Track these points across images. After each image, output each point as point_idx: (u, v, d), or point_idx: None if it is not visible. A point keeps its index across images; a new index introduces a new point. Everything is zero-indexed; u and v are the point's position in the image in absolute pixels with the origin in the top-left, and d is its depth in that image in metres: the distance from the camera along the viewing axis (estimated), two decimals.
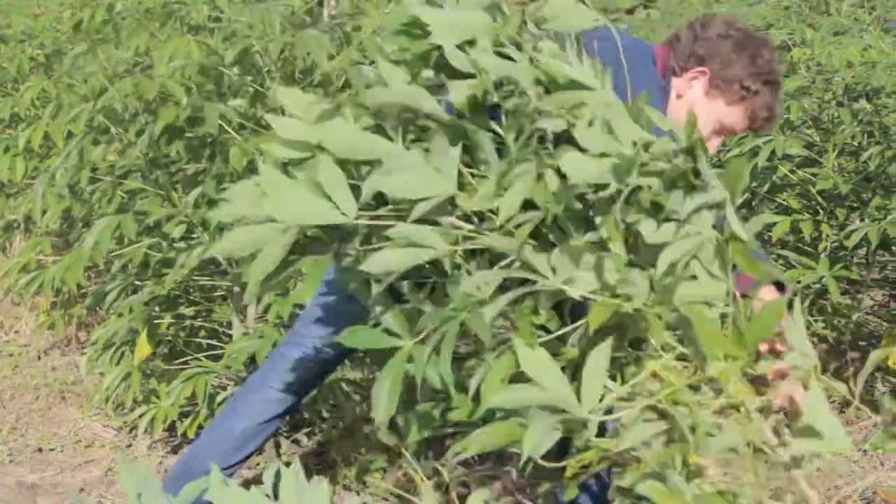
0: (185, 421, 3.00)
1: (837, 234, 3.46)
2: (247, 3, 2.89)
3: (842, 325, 3.69)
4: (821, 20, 4.01)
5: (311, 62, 2.64)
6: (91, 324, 4.09)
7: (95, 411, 3.47)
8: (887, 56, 3.41)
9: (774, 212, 3.62)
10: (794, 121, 3.51)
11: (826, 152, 3.51)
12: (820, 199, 3.53)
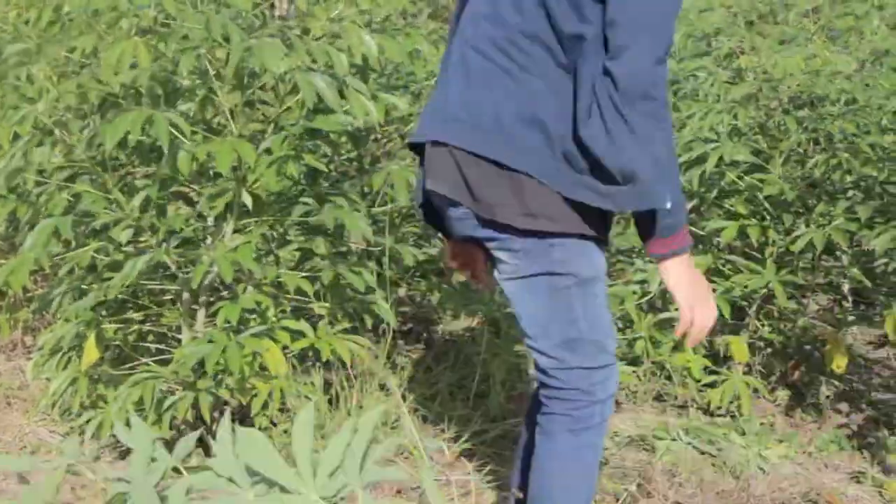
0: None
1: (784, 239, 3.51)
2: (197, 7, 2.87)
3: (788, 329, 3.75)
4: (769, 29, 4.06)
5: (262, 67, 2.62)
6: (37, 328, 4.04)
7: (41, 417, 3.42)
8: (831, 65, 3.46)
9: (723, 217, 3.66)
10: (742, 128, 3.56)
11: (773, 159, 3.56)
12: (767, 205, 3.58)
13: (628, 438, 3.38)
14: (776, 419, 3.62)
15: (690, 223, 3.75)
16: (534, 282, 2.05)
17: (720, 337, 3.72)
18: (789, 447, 3.34)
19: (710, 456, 3.27)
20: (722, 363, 3.72)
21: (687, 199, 3.80)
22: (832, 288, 3.96)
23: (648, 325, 3.58)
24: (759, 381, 3.60)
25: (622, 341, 3.79)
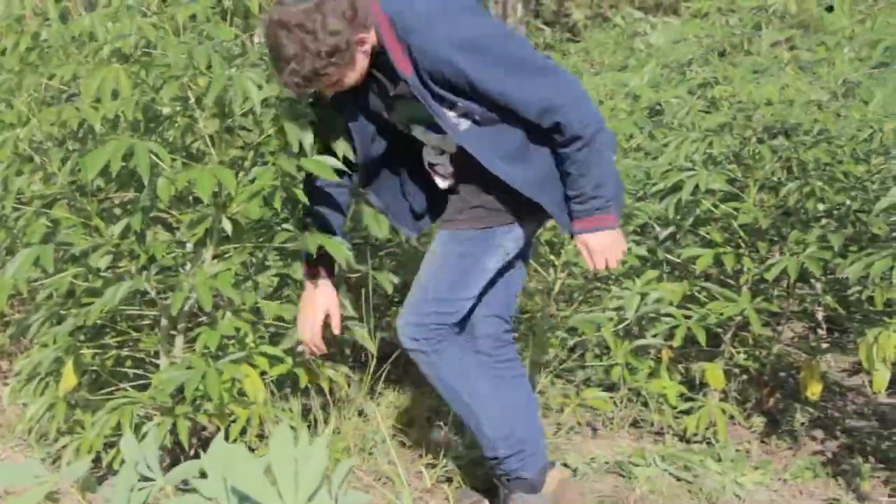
0: (111, 452, 2.96)
1: (758, 266, 3.55)
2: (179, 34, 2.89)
3: (762, 356, 3.78)
4: (741, 59, 4.12)
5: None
6: (14, 353, 4.01)
7: (17, 442, 3.40)
8: (804, 94, 3.52)
9: (698, 245, 3.70)
10: (717, 156, 3.61)
11: (747, 187, 3.60)
12: (742, 233, 3.62)
13: (605, 464, 3.39)
14: (752, 446, 3.64)
15: (667, 251, 3.79)
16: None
17: (696, 364, 3.75)
18: (764, 474, 3.37)
19: (687, 482, 3.29)
20: (698, 390, 3.75)
21: (663, 227, 3.84)
22: (806, 315, 4.01)
23: (625, 352, 3.61)
24: (734, 408, 3.63)
25: (599, 368, 3.82)
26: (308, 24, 2.36)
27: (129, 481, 1.61)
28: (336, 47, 2.38)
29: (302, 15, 2.36)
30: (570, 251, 3.67)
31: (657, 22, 6.64)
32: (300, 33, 2.36)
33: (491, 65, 2.42)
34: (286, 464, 1.46)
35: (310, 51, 2.37)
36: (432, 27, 2.42)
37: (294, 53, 2.38)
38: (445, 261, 2.67)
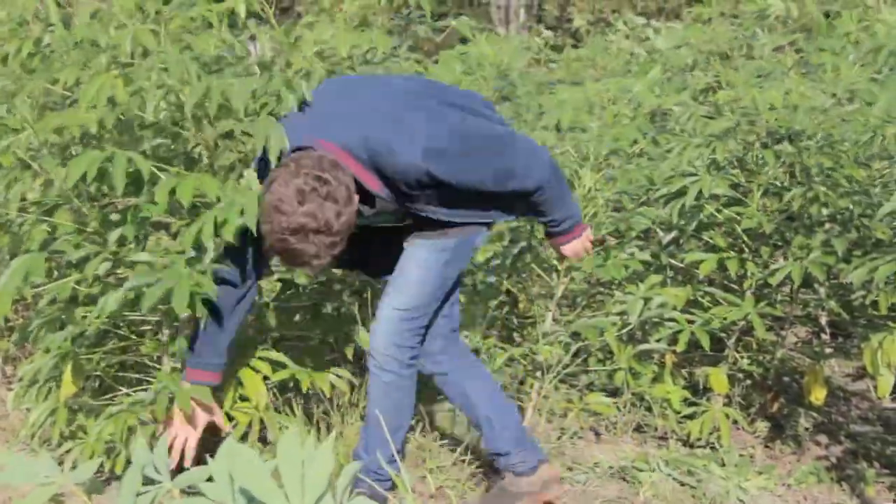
0: (112, 457, 2.96)
1: (762, 271, 3.54)
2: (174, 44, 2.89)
3: (766, 361, 3.78)
4: (744, 63, 4.12)
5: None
6: (19, 358, 4.01)
7: (21, 447, 3.40)
8: (808, 100, 3.51)
9: (701, 250, 3.70)
10: (721, 161, 3.60)
11: (751, 192, 3.60)
12: (745, 238, 3.61)
13: (609, 469, 3.39)
14: (756, 451, 3.64)
15: (670, 256, 3.79)
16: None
17: (700, 369, 3.75)
18: (769, 479, 3.36)
19: (690, 487, 3.28)
20: (701, 395, 3.74)
21: (666, 232, 3.84)
22: (810, 320, 4.00)
23: (628, 357, 3.60)
24: (738, 413, 3.63)
25: (602, 372, 3.81)
26: (321, 226, 2.40)
27: (135, 484, 1.61)
28: (346, 229, 2.46)
29: (309, 219, 2.39)
30: None
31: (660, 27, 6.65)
32: (313, 236, 2.41)
33: (455, 163, 2.56)
34: (293, 467, 1.46)
35: (326, 244, 2.44)
36: (394, 151, 2.51)
37: (314, 253, 2.44)
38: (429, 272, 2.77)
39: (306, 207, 2.38)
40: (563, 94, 4.15)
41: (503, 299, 4.20)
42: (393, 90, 2.68)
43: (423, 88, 2.73)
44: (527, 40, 7.75)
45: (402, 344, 2.77)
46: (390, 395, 2.83)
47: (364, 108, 2.59)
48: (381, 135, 2.51)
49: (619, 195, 3.73)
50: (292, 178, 2.40)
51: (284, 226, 2.39)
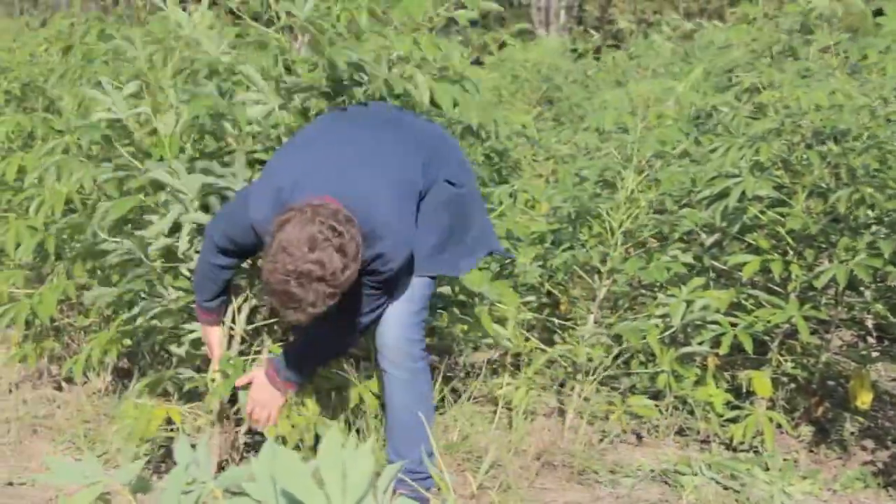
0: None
1: (807, 274, 3.51)
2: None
3: (811, 364, 3.74)
4: (788, 64, 4.08)
5: None
6: (63, 357, 4.07)
7: (67, 445, 3.45)
8: (853, 100, 3.47)
9: (744, 252, 3.67)
10: (764, 163, 3.57)
11: (795, 193, 3.56)
12: (789, 240, 3.58)
13: (651, 473, 3.37)
14: (800, 455, 3.60)
15: (712, 258, 3.76)
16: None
17: (743, 372, 3.71)
18: (813, 484, 3.32)
19: (734, 492, 3.25)
20: (744, 398, 3.71)
21: (709, 234, 3.81)
22: (856, 323, 3.95)
23: (671, 360, 3.58)
24: (782, 417, 3.59)
25: (644, 375, 3.79)
26: (327, 275, 2.40)
27: (180, 483, 1.62)
28: (348, 282, 2.47)
29: (318, 268, 2.39)
30: (615, 258, 3.65)
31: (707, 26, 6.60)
32: (316, 284, 2.41)
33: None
34: (334, 468, 1.47)
35: (326, 294, 2.44)
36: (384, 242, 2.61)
37: (312, 301, 2.44)
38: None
39: (316, 255, 2.39)
40: (605, 96, 4.14)
41: (544, 301, 4.19)
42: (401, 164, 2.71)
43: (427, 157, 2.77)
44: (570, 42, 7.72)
45: (413, 337, 2.83)
46: (411, 389, 2.86)
47: (375, 181, 2.62)
48: (383, 229, 2.59)
49: (661, 197, 3.71)
50: (307, 224, 2.40)
51: (290, 268, 2.39)
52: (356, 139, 2.71)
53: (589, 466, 3.39)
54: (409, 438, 2.86)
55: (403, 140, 2.75)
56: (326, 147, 2.70)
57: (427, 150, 2.78)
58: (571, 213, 3.78)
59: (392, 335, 2.80)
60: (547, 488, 3.25)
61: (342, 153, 2.66)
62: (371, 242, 2.53)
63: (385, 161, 2.65)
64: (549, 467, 3.39)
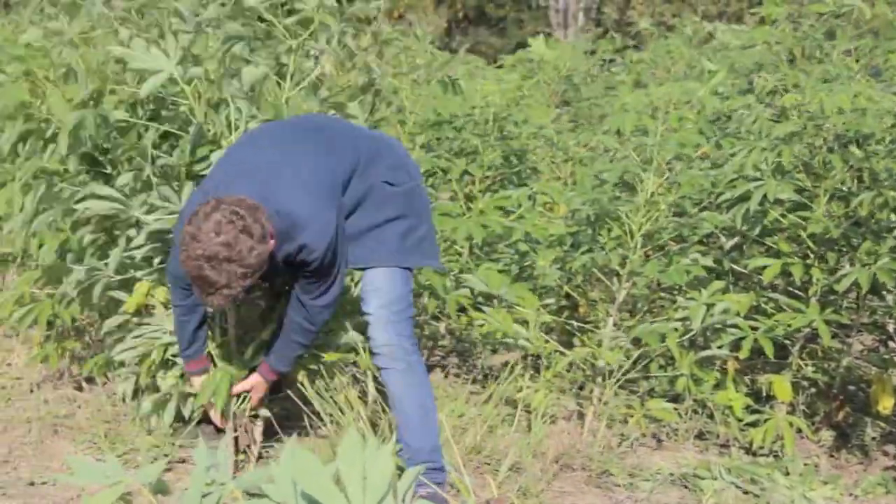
0: None
1: (828, 278, 3.49)
2: None
3: (831, 369, 3.71)
4: (811, 67, 4.05)
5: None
6: (84, 357, 4.09)
7: (87, 445, 3.46)
8: (876, 103, 3.45)
9: (764, 255, 3.65)
10: (786, 165, 3.55)
11: (817, 197, 3.54)
12: (811, 244, 3.56)
13: (670, 476, 3.36)
14: (820, 460, 3.58)
15: (732, 261, 3.75)
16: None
17: (763, 376, 3.70)
18: (834, 489, 3.30)
19: (754, 496, 3.24)
20: (764, 402, 3.69)
21: (728, 237, 3.80)
22: (877, 328, 3.93)
23: (690, 363, 3.56)
24: (802, 421, 3.57)
25: (664, 379, 3.78)
26: (233, 255, 2.56)
27: (200, 484, 1.63)
28: (259, 265, 2.62)
29: (225, 248, 2.55)
30: (634, 261, 3.64)
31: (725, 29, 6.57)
32: (227, 265, 2.57)
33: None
34: (354, 470, 1.47)
35: (237, 275, 2.59)
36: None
37: (225, 282, 2.59)
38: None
39: (222, 238, 2.55)
40: (625, 98, 4.13)
41: (563, 303, 4.18)
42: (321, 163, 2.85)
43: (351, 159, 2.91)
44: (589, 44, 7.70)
45: (402, 333, 2.94)
46: (408, 378, 2.95)
47: (290, 182, 2.78)
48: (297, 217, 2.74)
49: (681, 199, 3.70)
50: (212, 213, 2.58)
51: (200, 253, 2.56)
52: (277, 145, 2.88)
53: (608, 470, 3.38)
54: (416, 429, 2.94)
55: (325, 144, 2.90)
56: (251, 154, 2.87)
57: (353, 153, 2.91)
58: (591, 215, 3.77)
59: (382, 338, 2.94)
60: (566, 491, 3.24)
61: (262, 159, 2.83)
62: (293, 236, 2.71)
63: (301, 163, 2.81)
64: (568, 470, 3.39)
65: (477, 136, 4.42)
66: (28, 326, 3.83)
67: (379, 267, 2.96)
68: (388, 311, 2.94)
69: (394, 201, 2.96)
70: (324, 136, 2.95)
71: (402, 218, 2.97)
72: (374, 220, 2.94)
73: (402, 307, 2.96)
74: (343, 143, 2.94)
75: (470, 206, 4.20)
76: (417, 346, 3.00)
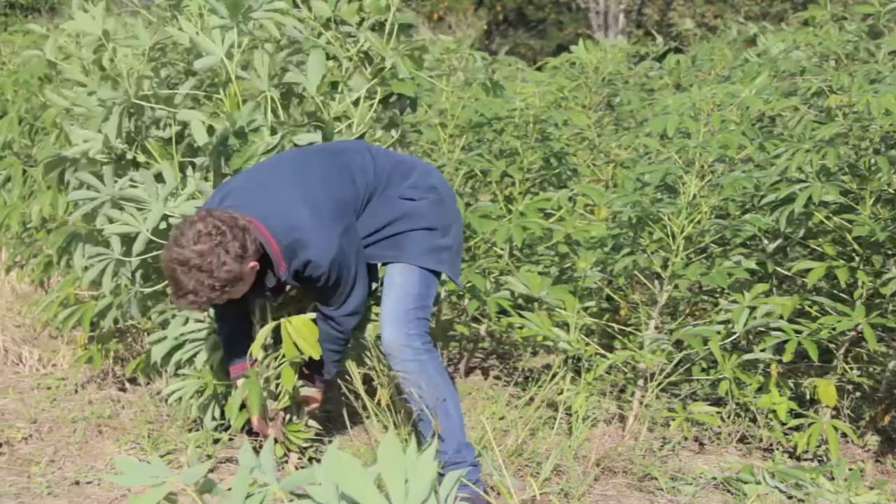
0: None
1: (873, 281, 3.44)
2: None
3: (877, 373, 3.67)
4: (856, 67, 4.01)
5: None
6: (127, 358, 4.13)
7: (131, 445, 3.50)
8: None
9: (808, 258, 3.61)
10: (831, 168, 3.52)
11: (862, 199, 3.50)
12: (856, 246, 3.52)
13: (713, 480, 3.33)
14: (866, 465, 3.53)
15: (776, 264, 3.71)
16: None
17: (807, 379, 3.66)
18: (881, 494, 3.26)
19: (798, 501, 3.20)
20: (808, 406, 3.65)
21: (771, 240, 3.76)
22: None
23: (733, 366, 3.53)
24: (847, 426, 3.52)
25: (706, 382, 3.75)
26: (203, 265, 2.66)
27: (245, 485, 1.64)
28: (230, 281, 2.71)
29: (197, 257, 2.66)
30: (677, 263, 3.61)
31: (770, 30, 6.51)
32: (196, 273, 2.67)
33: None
34: (396, 473, 1.47)
35: (205, 285, 2.69)
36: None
37: (192, 288, 2.69)
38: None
39: (198, 247, 2.65)
40: (667, 100, 4.10)
41: (604, 306, 4.17)
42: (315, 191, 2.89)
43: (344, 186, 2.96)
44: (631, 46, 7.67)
45: (409, 332, 2.97)
46: (421, 383, 2.96)
47: (294, 201, 2.84)
48: (303, 234, 2.80)
49: (724, 202, 3.67)
50: (198, 222, 2.69)
51: (175, 256, 2.68)
52: (294, 166, 2.96)
53: (649, 473, 3.36)
54: (442, 427, 2.96)
55: (338, 167, 2.96)
56: (268, 171, 2.97)
57: (370, 176, 2.98)
58: (632, 217, 3.75)
59: (389, 337, 2.97)
60: (608, 495, 3.23)
61: (276, 177, 2.92)
62: (296, 252, 2.79)
63: (311, 183, 2.88)
64: (610, 473, 3.37)
65: (517, 138, 4.42)
66: (72, 328, 3.87)
67: (400, 263, 3.00)
68: (400, 308, 2.97)
69: (418, 214, 3.01)
70: (340, 159, 3.00)
71: (427, 228, 3.02)
72: (398, 229, 3.00)
73: (414, 306, 2.98)
74: (356, 167, 2.99)
75: (510, 208, 4.19)
76: (431, 345, 3.01)
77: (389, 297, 2.99)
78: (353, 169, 2.97)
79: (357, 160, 3.00)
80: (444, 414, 2.96)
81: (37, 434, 3.61)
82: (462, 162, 4.39)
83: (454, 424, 2.97)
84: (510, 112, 4.45)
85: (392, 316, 2.97)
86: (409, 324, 2.96)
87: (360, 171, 2.97)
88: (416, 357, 2.95)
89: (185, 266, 2.66)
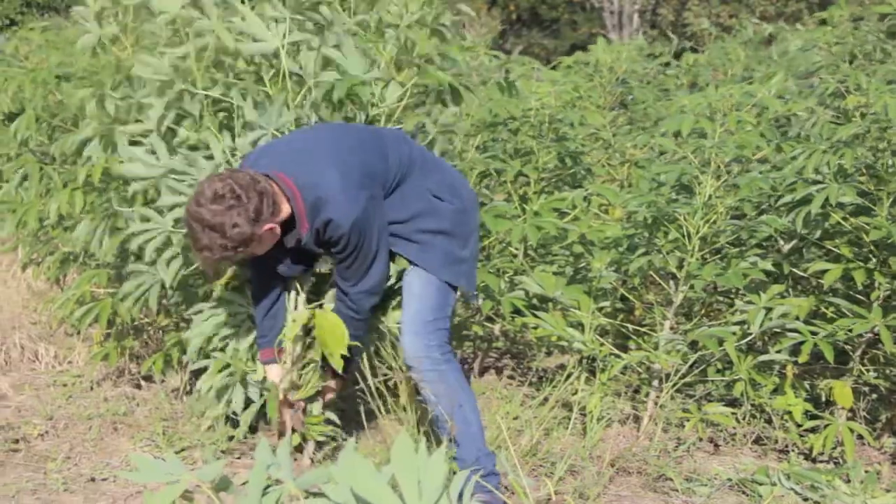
0: None
1: (890, 282, 3.43)
2: None
3: (894, 375, 3.65)
4: (873, 67, 3.99)
5: None
6: (143, 356, 4.15)
7: (146, 442, 3.51)
8: None
9: (825, 259, 3.59)
10: (848, 169, 3.50)
11: (880, 201, 3.49)
12: (873, 248, 3.50)
13: (728, 482, 3.32)
14: (882, 467, 3.52)
15: (792, 264, 3.70)
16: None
17: (823, 381, 3.65)
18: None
19: (814, 503, 3.19)
20: (824, 408, 3.64)
21: (787, 241, 3.75)
22: None
23: (748, 367, 3.52)
24: (863, 427, 3.51)
25: (721, 383, 3.74)
26: (217, 225, 2.72)
27: (261, 483, 1.64)
28: (242, 242, 2.76)
29: (211, 216, 2.72)
30: (692, 264, 3.60)
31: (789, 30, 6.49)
32: (209, 231, 2.74)
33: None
34: (409, 473, 1.47)
35: (217, 244, 2.75)
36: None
37: (206, 244, 2.76)
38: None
39: (213, 206, 2.72)
40: (682, 100, 4.09)
41: (619, 306, 4.16)
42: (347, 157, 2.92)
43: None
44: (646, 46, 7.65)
45: (429, 343, 2.98)
46: (440, 392, 2.97)
47: (323, 161, 2.88)
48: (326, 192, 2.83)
49: (740, 202, 3.66)
50: (218, 181, 2.75)
51: (192, 212, 2.75)
52: (329, 133, 3.01)
53: (664, 474, 3.35)
54: (460, 434, 2.96)
55: (371, 141, 2.99)
56: (301, 136, 3.03)
57: (400, 157, 2.99)
58: (647, 217, 3.74)
59: (409, 348, 3.00)
60: (622, 495, 3.22)
61: (308, 141, 2.97)
62: (319, 210, 2.82)
63: (341, 148, 2.92)
64: (624, 474, 3.36)
65: (532, 138, 4.41)
66: (88, 325, 3.88)
67: (420, 269, 3.02)
68: (419, 320, 3.00)
69: (443, 215, 3.03)
70: (374, 135, 3.04)
71: (449, 234, 3.04)
72: (424, 226, 3.01)
73: (433, 318, 3.01)
74: (391, 146, 3.00)
75: (525, 208, 4.19)
76: (451, 355, 3.02)
77: (409, 308, 3.02)
78: (387, 148, 2.99)
79: (393, 143, 3.02)
80: (463, 421, 2.96)
81: (53, 431, 3.62)
82: (477, 161, 4.39)
83: (473, 432, 2.97)
84: (525, 112, 4.44)
85: (411, 327, 2.99)
86: (429, 335, 2.99)
87: (395, 152, 2.99)
88: (436, 367, 2.97)
89: (200, 224, 2.73)
